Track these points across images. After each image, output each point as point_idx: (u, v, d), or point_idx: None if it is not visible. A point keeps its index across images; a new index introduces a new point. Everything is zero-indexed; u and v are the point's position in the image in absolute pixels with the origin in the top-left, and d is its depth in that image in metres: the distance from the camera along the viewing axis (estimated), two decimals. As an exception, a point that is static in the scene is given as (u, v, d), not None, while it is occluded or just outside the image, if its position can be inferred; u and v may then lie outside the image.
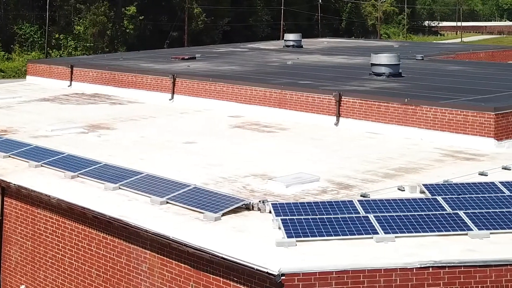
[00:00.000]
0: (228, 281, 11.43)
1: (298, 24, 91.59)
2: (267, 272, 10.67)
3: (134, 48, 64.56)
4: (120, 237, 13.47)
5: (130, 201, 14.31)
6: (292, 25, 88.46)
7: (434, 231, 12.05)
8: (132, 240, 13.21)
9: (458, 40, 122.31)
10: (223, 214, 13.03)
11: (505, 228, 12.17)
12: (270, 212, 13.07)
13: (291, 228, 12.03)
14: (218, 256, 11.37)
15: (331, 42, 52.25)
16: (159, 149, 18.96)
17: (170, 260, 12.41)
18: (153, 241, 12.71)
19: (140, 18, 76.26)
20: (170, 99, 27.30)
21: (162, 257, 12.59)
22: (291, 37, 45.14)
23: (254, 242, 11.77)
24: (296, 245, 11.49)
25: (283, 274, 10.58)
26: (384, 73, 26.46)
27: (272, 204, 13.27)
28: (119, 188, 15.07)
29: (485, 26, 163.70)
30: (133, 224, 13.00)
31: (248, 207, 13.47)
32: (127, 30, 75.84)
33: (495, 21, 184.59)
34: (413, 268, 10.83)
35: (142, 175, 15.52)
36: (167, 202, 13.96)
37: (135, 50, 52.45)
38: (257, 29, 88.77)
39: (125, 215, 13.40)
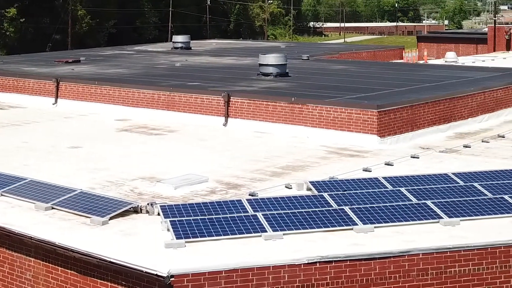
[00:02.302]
0: (116, 285, 11.24)
1: (186, 25, 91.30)
2: (156, 275, 10.57)
3: (15, 51, 62.46)
4: (3, 245, 12.99)
5: (13, 207, 13.84)
6: (180, 27, 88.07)
7: (321, 227, 12.28)
8: (16, 248, 12.77)
9: (342, 40, 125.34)
10: (111, 218, 12.82)
11: (388, 222, 12.55)
12: (158, 214, 12.96)
13: (180, 229, 11.96)
14: (105, 261, 11.16)
15: (220, 43, 52.45)
16: (43, 155, 18.45)
17: (56, 266, 12.08)
18: (37, 248, 12.33)
19: (21, 20, 73.91)
20: (53, 104, 26.62)
21: (47, 264, 12.23)
22: (179, 38, 45.00)
23: (142, 244, 11.63)
24: (185, 246, 11.44)
25: (172, 276, 10.50)
26: (271, 73, 26.78)
27: (160, 206, 13.16)
28: (1, 195, 14.55)
29: (367, 27, 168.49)
30: (16, 232, 12.57)
31: (136, 210, 13.31)
32: (7, 33, 73.35)
33: (377, 22, 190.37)
34: (301, 264, 11.00)
35: (26, 181, 15.04)
36: (53, 208, 13.60)
37: (16, 54, 50.75)
38: (145, 31, 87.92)
39: (8, 223, 12.94)
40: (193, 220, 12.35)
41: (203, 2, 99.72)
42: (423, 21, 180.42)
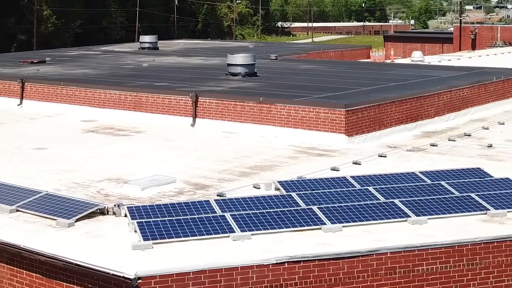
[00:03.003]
0: (83, 289, 11.10)
1: (154, 26, 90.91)
2: (123, 277, 10.44)
3: (-22, 52, 61.65)
4: (-34, 250, 12.75)
5: (-23, 211, 13.60)
6: (147, 27, 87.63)
7: (289, 227, 12.24)
8: (-20, 252, 12.55)
9: (309, 40, 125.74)
10: (77, 220, 12.65)
11: (356, 221, 12.56)
12: (125, 215, 12.83)
13: (147, 230, 11.84)
14: (71, 263, 11.00)
15: (188, 43, 52.29)
16: (8, 156, 18.18)
17: (21, 270, 11.88)
18: (2, 251, 12.12)
19: (-15, 20, 73.03)
20: (18, 105, 26.27)
21: (11, 267, 12.03)
22: (146, 39, 44.78)
23: (109, 246, 11.49)
24: (152, 247, 11.33)
25: (139, 278, 10.39)
26: (240, 73, 26.73)
27: (127, 207, 13.02)
28: (-35, 198, 14.28)
29: (335, 26, 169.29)
30: (-20, 235, 12.34)
31: (103, 212, 13.16)
32: (-30, 34, 72.45)
33: (344, 22, 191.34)
34: (269, 264, 10.95)
35: (-10, 183, 14.79)
36: (17, 210, 13.38)
37: (-20, 54, 50.09)
38: (111, 31, 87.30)
39: (-29, 226, 12.71)
40: (160, 221, 12.24)
41: (170, 2, 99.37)
42: (390, 21, 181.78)
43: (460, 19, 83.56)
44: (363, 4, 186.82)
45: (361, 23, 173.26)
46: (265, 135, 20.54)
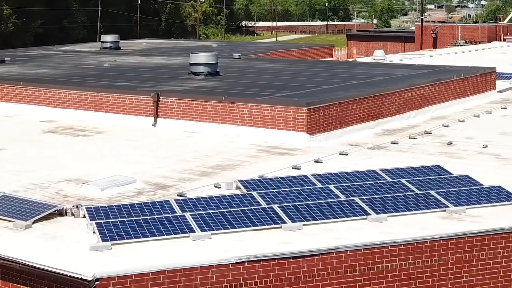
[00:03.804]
0: (40, 291, 10.93)
1: (116, 25, 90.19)
2: (80, 278, 10.31)
3: None
4: None
5: None
6: (110, 27, 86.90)
7: (249, 226, 12.20)
8: None
9: (273, 39, 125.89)
10: (34, 222, 12.46)
11: (317, 219, 12.56)
12: (84, 216, 12.68)
13: (106, 231, 11.71)
14: (28, 265, 10.83)
15: (150, 43, 51.97)
16: (-35, 158, 17.87)
17: (-24, 273, 11.67)
18: (-43, 255, 11.89)
19: None
20: (-22, 105, 25.86)
21: (-33, 271, 11.81)
22: (108, 38, 44.38)
23: (67, 248, 11.34)
24: (111, 248, 11.20)
25: (97, 279, 10.26)
26: (202, 72, 26.62)
27: (86, 208, 12.87)
28: None
29: (298, 26, 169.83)
30: None
31: (61, 213, 12.98)
32: None
33: (308, 21, 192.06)
34: (229, 264, 10.90)
35: None
36: (-27, 213, 13.14)
37: None
38: (73, 31, 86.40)
39: None
40: (119, 222, 12.11)
41: (133, 2, 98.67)
42: (353, 20, 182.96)
43: (422, 18, 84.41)
44: (327, 4, 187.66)
45: (325, 22, 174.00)
46: (227, 135, 20.48)
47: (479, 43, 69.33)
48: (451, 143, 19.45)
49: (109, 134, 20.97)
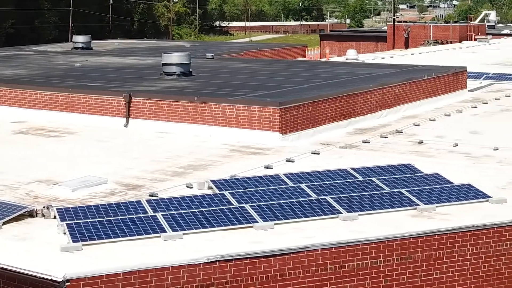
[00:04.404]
0: (10, 293, 10.85)
1: (88, 25, 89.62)
2: (51, 280, 10.25)
3: None
4: None
5: None
6: (81, 27, 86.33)
7: (221, 226, 12.21)
8: None
9: (247, 39, 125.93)
10: (4, 223, 12.36)
11: (288, 218, 12.60)
12: (55, 217, 12.60)
13: (76, 232, 11.66)
14: (-3, 268, 10.75)
15: (123, 43, 51.72)
16: None
17: None
18: None
19: None
20: None
21: None
22: (80, 38, 44.13)
23: (37, 249, 11.26)
24: (82, 249, 11.15)
25: (68, 280, 10.21)
26: (175, 72, 26.54)
27: (57, 209, 12.79)
28: None
29: (272, 26, 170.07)
30: None
31: (31, 214, 12.89)
32: None
33: (282, 21, 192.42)
34: (200, 263, 10.90)
35: None
36: None
37: None
38: (44, 31, 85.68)
39: None
40: (90, 222, 12.06)
41: (105, 1, 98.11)
42: (326, 20, 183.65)
43: (394, 18, 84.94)
44: (301, 4, 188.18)
45: (298, 22, 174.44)
46: (199, 135, 20.46)
47: (451, 42, 69.97)
48: (422, 142, 19.61)
49: (80, 135, 20.86)
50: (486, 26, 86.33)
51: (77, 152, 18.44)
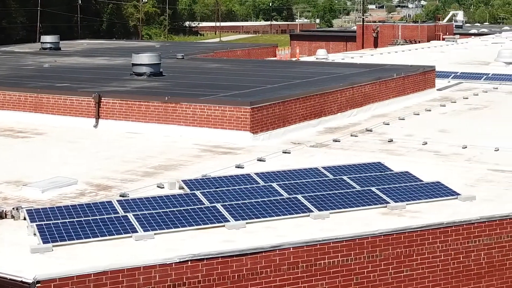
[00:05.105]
0: (-21, 296, 10.73)
1: (56, 26, 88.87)
2: (21, 281, 10.15)
3: None
4: None
5: None
6: (50, 27, 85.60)
7: (193, 225, 12.19)
8: None
9: (217, 39, 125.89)
10: (-27, 225, 12.24)
11: (260, 217, 12.62)
12: (24, 218, 12.49)
13: (47, 233, 11.57)
14: (-34, 270, 10.62)
15: (91, 43, 51.43)
16: None
17: None
18: None
19: None
20: None
21: None
22: (48, 39, 43.81)
23: (7, 251, 11.15)
24: (52, 250, 11.06)
25: (38, 282, 10.12)
26: (145, 72, 26.44)
27: (26, 210, 12.68)
28: None
29: (242, 26, 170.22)
30: None
31: (0, 216, 12.75)
32: None
33: (252, 21, 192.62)
34: (172, 263, 10.87)
35: None
36: None
37: None
38: (12, 31, 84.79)
39: None
40: (61, 223, 11.97)
41: (73, 2, 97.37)
42: (296, 20, 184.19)
43: (363, 18, 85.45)
44: (271, 4, 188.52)
45: (269, 22, 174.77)
46: (170, 135, 20.40)
47: (419, 42, 70.57)
48: (392, 141, 19.76)
49: (49, 136, 20.68)
50: (454, 26, 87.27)
51: (46, 153, 18.29)
